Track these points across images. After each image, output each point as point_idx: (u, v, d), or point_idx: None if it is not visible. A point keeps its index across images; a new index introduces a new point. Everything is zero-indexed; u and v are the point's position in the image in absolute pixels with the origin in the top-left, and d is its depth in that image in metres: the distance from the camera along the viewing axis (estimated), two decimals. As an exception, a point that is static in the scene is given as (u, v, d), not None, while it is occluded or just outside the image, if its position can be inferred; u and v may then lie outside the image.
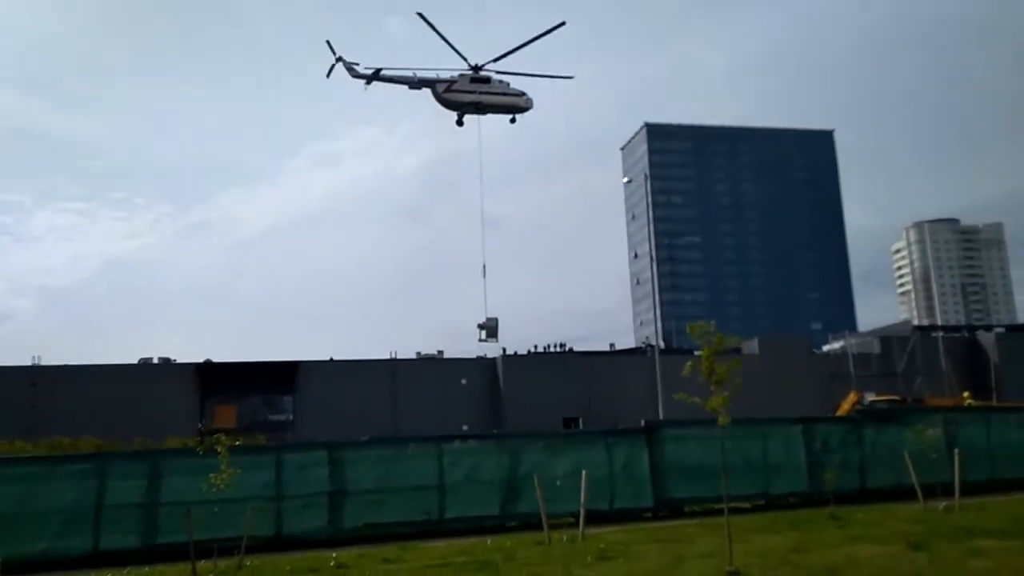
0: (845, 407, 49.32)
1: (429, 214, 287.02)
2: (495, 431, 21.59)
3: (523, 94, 36.13)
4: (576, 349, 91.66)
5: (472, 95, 34.52)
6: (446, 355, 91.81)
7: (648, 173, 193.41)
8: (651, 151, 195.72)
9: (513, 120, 36.65)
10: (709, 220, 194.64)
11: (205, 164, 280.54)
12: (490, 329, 34.81)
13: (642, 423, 22.24)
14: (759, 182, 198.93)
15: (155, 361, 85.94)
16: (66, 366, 79.09)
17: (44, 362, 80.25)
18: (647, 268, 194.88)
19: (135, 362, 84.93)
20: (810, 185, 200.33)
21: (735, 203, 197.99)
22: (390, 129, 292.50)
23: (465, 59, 33.84)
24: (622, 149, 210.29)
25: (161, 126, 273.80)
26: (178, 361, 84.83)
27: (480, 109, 35.00)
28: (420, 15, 31.47)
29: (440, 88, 34.23)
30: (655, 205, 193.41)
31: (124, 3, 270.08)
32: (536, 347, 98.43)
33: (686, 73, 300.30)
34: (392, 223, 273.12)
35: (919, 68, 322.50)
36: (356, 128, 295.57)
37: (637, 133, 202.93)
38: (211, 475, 13.36)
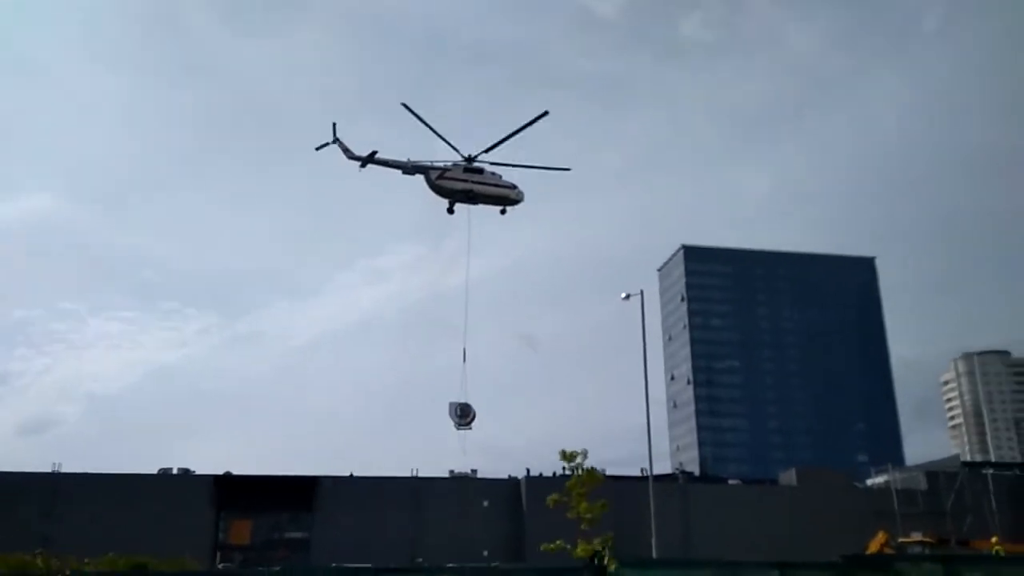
0: (873, 547, 45.85)
1: (469, 331, 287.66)
2: (425, 565, 18.89)
3: (515, 187, 36.20)
4: (607, 473, 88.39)
5: (464, 183, 34.71)
6: (480, 474, 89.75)
7: (685, 295, 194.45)
8: (688, 273, 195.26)
9: (503, 211, 36.65)
10: (749, 344, 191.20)
11: (256, 277, 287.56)
12: (464, 411, 33.13)
13: (593, 561, 19.82)
14: (800, 308, 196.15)
15: (174, 471, 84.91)
16: (84, 474, 78.37)
17: (72, 469, 79.60)
18: (684, 391, 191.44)
19: (155, 472, 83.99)
20: (853, 312, 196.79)
21: (775, 328, 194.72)
22: (436, 246, 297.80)
23: (457, 149, 34.18)
24: (659, 270, 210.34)
25: (215, 240, 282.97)
26: (197, 472, 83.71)
27: (471, 198, 35.13)
28: (404, 105, 31.80)
29: (433, 175, 34.43)
30: (692, 327, 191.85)
31: (180, 119, 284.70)
32: (564, 469, 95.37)
33: (726, 197, 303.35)
34: (432, 339, 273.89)
35: (964, 196, 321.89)
36: (404, 245, 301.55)
37: (674, 255, 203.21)
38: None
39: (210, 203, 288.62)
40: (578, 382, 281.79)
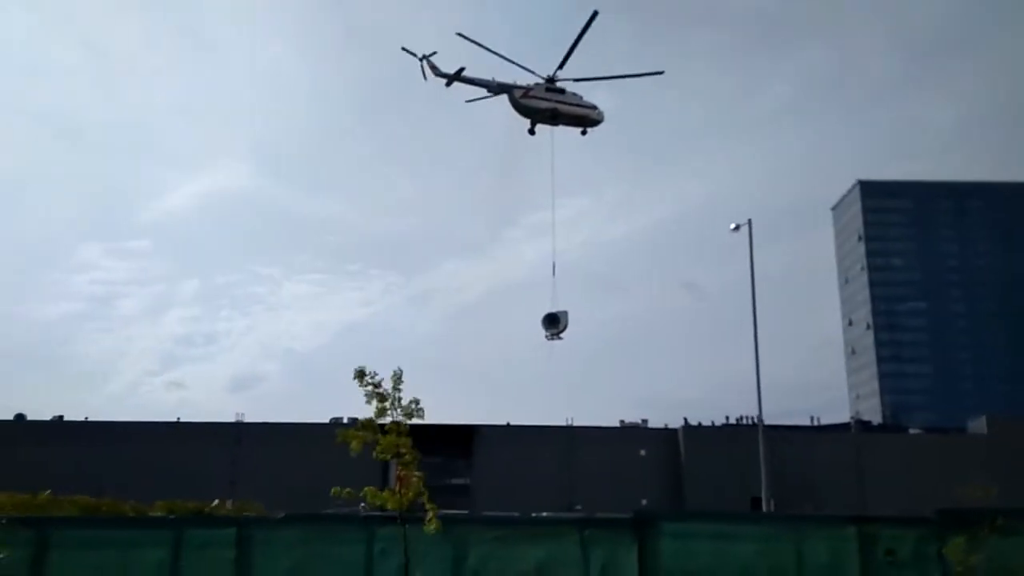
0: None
1: (632, 282, 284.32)
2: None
3: (595, 107, 36.15)
4: (768, 423, 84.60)
5: (548, 103, 34.95)
6: (650, 425, 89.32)
7: (862, 233, 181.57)
8: (865, 210, 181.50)
9: (584, 132, 36.59)
10: (935, 285, 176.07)
11: (430, 236, 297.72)
12: (554, 321, 33.05)
13: (632, 513, 17.50)
14: (997, 242, 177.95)
15: (344, 421, 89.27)
16: (264, 423, 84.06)
17: (268, 419, 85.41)
18: (864, 336, 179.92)
19: (327, 421, 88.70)
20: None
21: (967, 265, 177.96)
22: (598, 197, 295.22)
23: (533, 71, 34.68)
24: (833, 209, 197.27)
25: (392, 202, 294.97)
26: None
27: (555, 118, 35.39)
28: (460, 35, 32.26)
29: (518, 93, 34.73)
30: (871, 268, 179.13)
31: (350, 87, 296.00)
32: (728, 419, 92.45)
33: (906, 130, 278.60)
34: (591, 292, 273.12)
35: None
36: (566, 199, 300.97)
37: (850, 191, 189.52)
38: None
39: (384, 166, 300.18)
40: (747, 331, 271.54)
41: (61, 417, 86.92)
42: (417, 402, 10.51)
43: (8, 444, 76.83)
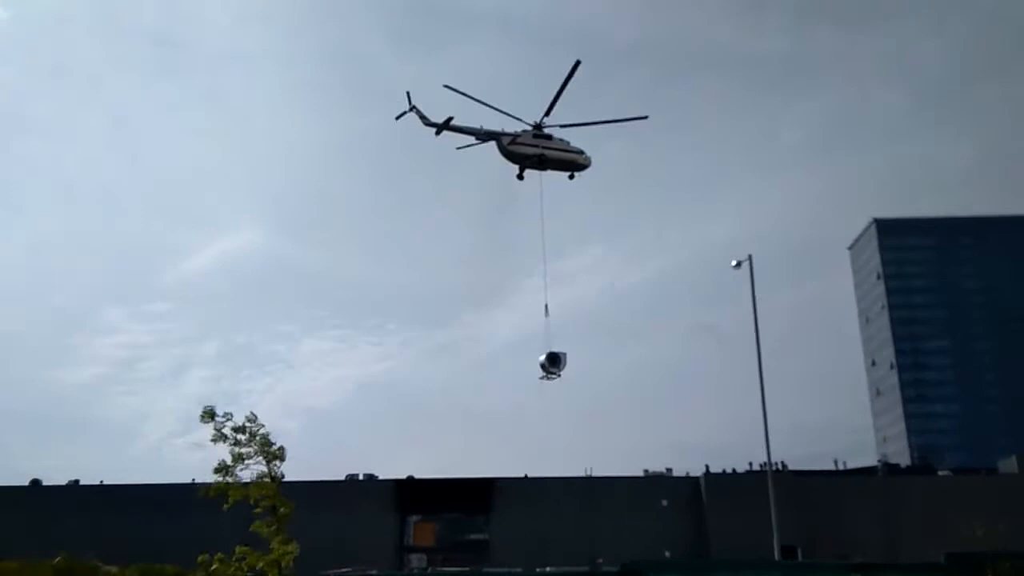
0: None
1: (651, 329, 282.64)
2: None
3: (582, 152, 36.64)
4: (793, 468, 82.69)
5: (536, 148, 35.57)
6: (674, 473, 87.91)
7: (881, 272, 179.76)
8: (883, 248, 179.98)
9: (572, 177, 37.03)
10: (959, 322, 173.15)
11: (447, 288, 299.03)
12: (555, 360, 33.39)
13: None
14: (1017, 276, 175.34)
15: (360, 477, 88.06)
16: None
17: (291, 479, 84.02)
18: (888, 376, 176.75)
19: (342, 479, 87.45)
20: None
21: (990, 301, 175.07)
22: (613, 246, 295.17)
23: (520, 119, 35.24)
24: (849, 249, 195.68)
25: (410, 256, 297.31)
26: (381, 477, 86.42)
27: (543, 163, 35.94)
28: (447, 87, 32.56)
29: (506, 140, 35.36)
30: (892, 307, 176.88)
31: (363, 145, 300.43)
32: (751, 465, 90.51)
33: (921, 168, 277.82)
34: (614, 339, 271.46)
35: None
36: (583, 246, 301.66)
37: (866, 230, 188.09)
38: None
39: (400, 220, 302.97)
40: (768, 374, 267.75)
41: (77, 481, 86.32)
42: (280, 449, 9.98)
43: (23, 510, 76.34)
